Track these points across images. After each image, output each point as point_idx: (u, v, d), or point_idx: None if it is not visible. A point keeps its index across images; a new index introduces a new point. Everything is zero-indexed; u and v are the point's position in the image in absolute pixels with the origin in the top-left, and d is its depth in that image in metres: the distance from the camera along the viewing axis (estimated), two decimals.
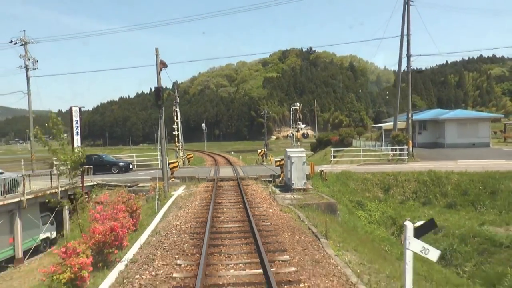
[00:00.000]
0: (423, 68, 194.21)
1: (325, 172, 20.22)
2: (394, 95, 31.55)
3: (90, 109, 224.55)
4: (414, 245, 6.17)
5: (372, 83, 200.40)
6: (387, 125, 44.73)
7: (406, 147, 28.50)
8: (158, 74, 18.31)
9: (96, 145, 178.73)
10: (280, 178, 20.12)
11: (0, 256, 16.67)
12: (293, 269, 7.32)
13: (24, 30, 33.34)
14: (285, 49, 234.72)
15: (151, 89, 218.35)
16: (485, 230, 14.79)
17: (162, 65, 18.41)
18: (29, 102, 34.52)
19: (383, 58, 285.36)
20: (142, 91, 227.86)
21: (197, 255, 8.22)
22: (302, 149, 19.38)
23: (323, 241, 9.51)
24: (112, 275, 7.64)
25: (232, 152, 74.46)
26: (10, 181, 17.79)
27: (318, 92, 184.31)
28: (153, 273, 7.36)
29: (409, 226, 6.18)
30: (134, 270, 7.77)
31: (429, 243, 14.95)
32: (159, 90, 18.12)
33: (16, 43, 33.12)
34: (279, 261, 7.83)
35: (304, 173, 17.87)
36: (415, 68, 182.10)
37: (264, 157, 39.70)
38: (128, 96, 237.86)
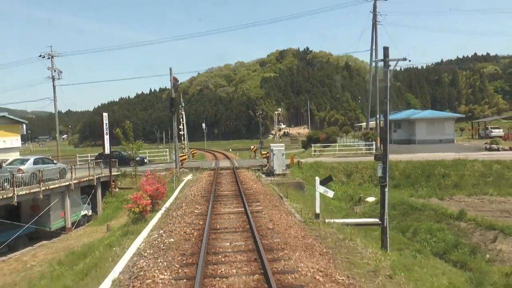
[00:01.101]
0: (419, 67, 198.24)
1: (301, 162, 26.01)
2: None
3: (91, 109, 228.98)
4: (320, 189, 11.98)
5: (367, 83, 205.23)
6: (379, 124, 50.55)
7: (374, 142, 34.30)
8: (172, 88, 24.07)
9: (97, 145, 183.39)
10: (266, 167, 25.91)
11: (57, 225, 22.32)
12: (261, 208, 13.13)
13: (51, 46, 38.81)
14: (282, 49, 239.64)
15: (150, 89, 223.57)
16: (410, 200, 20.64)
17: (174, 80, 24.15)
18: (55, 106, 40.23)
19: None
20: (142, 91, 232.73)
21: (207, 204, 14.00)
22: (282, 144, 25.18)
23: (284, 199, 15.33)
24: (159, 214, 13.45)
25: (230, 150, 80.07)
26: (61, 169, 23.63)
27: (314, 92, 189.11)
28: (183, 211, 13.16)
29: (317, 179, 11.98)
30: (171, 211, 13.58)
31: (370, 210, 21.23)
32: (173, 100, 23.85)
33: (44, 57, 38.83)
34: (254, 205, 13.63)
35: (284, 162, 23.66)
36: (413, 67, 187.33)
37: (259, 153, 45.53)
38: (128, 96, 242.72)
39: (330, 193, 12.03)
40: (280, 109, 38.33)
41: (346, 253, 8.58)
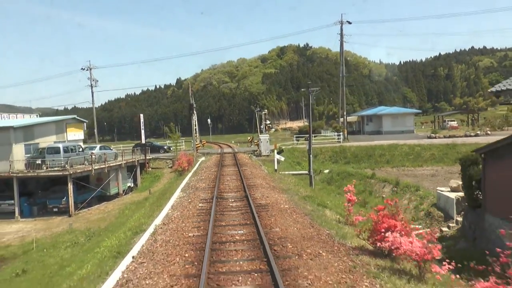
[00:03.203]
0: (418, 60, 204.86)
1: (282, 147, 36.64)
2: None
3: (97, 106, 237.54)
4: (277, 156, 22.73)
5: (365, 77, 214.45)
6: (346, 119, 61.09)
7: (341, 133, 44.85)
8: (190, 97, 34.70)
9: (105, 140, 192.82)
10: (257, 151, 36.61)
11: (113, 191, 33.04)
12: (247, 169, 23.96)
13: (90, 60, 49.52)
14: (283, 45, 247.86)
15: (155, 86, 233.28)
16: (349, 169, 31.24)
17: (192, 91, 34.77)
18: (93, 109, 51.01)
19: (378, 54, 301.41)
20: (148, 88, 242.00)
21: (217, 168, 24.79)
22: (267, 135, 35.87)
23: (262, 166, 26.11)
24: (190, 173, 24.24)
25: (233, 142, 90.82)
26: (115, 154, 34.48)
27: (313, 87, 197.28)
28: (204, 171, 23.97)
29: (275, 151, 22.73)
30: (197, 171, 24.35)
31: (323, 177, 33.06)
32: (191, 105, 34.44)
33: (84, 69, 49.65)
34: (243, 168, 24.45)
35: (268, 147, 34.33)
36: (411, 60, 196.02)
37: (253, 142, 56.49)
38: (134, 93, 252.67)
39: (281, 158, 22.70)
40: (266, 110, 49.29)
41: (280, 179, 19.34)
